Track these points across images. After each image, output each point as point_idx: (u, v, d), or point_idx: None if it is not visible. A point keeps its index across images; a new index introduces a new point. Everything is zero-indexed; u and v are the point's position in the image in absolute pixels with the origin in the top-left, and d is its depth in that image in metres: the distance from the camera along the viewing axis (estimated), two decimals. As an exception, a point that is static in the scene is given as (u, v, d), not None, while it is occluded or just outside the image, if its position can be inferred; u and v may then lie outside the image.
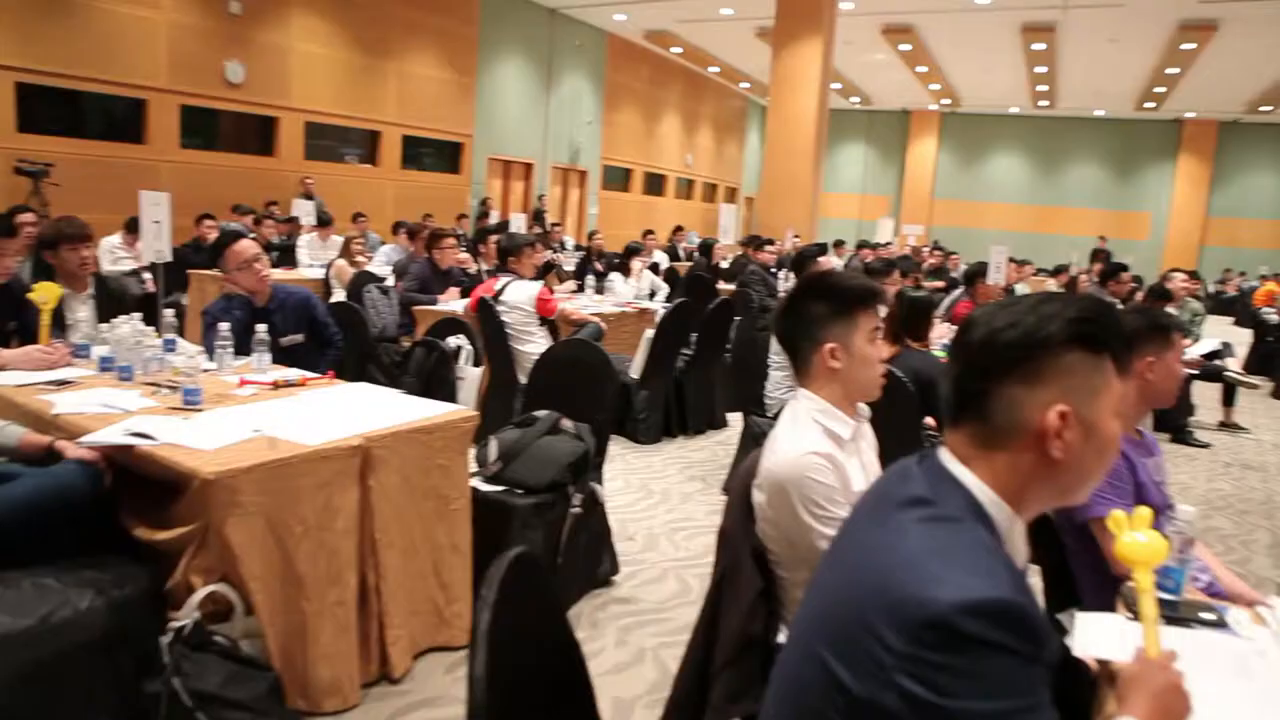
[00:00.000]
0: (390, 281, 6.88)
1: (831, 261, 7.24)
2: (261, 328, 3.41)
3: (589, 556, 3.47)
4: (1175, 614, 1.74)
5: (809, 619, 1.19)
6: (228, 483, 2.27)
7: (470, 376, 4.43)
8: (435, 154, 14.52)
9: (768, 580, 1.91)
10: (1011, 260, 8.86)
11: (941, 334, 4.91)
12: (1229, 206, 23.27)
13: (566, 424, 3.41)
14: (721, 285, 8.68)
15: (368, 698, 2.64)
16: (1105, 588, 2.07)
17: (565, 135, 16.89)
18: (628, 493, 4.69)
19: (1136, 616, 1.46)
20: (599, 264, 9.02)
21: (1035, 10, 14.29)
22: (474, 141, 14.85)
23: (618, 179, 19.09)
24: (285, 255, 8.68)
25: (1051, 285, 10.99)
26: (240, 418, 2.72)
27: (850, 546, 1.21)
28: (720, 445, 5.70)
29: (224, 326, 3.40)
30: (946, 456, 1.18)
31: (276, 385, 3.16)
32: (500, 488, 3.23)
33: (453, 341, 4.40)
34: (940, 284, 9.66)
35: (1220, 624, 1.73)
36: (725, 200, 22.27)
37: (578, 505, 3.28)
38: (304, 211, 9.92)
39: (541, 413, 3.43)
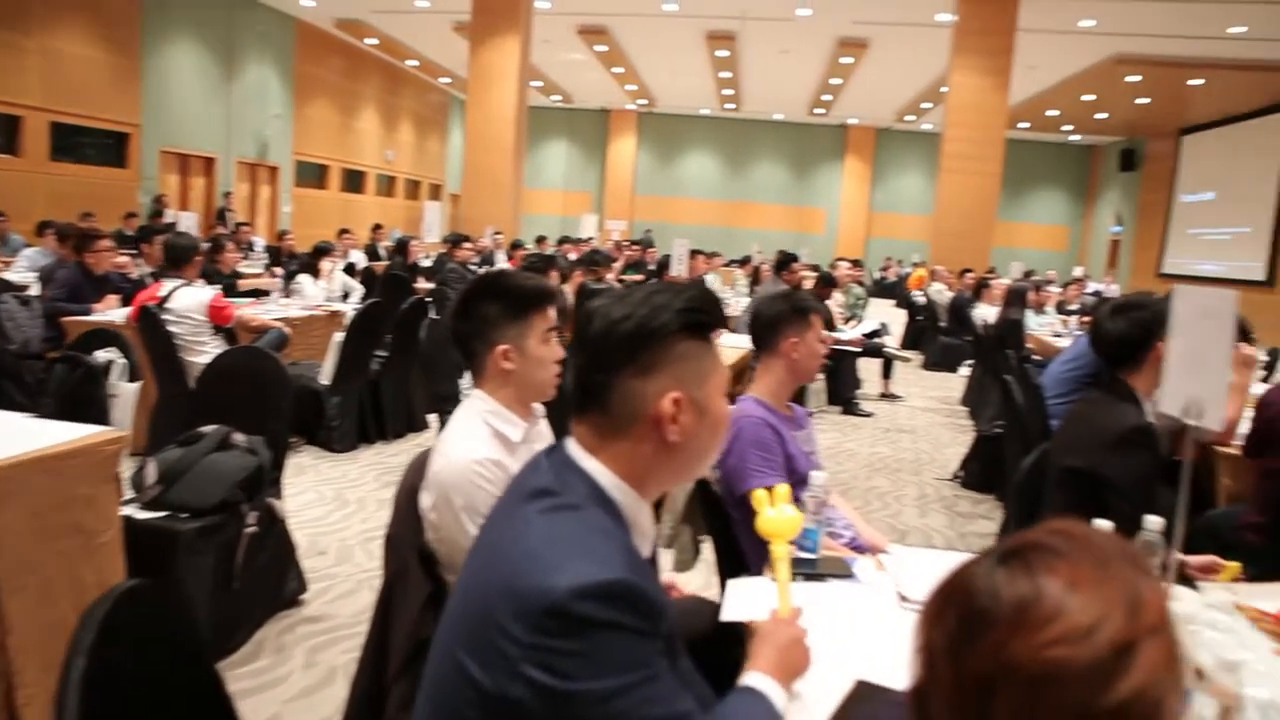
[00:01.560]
0: (35, 290, 6.04)
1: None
2: None
3: (271, 577, 3.23)
4: (813, 571, 1.91)
5: (447, 621, 1.17)
6: None
7: (125, 393, 3.96)
8: (97, 145, 12.88)
9: (437, 584, 1.86)
10: (701, 253, 9.42)
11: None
12: (888, 203, 26.43)
13: (238, 438, 3.15)
14: (424, 284, 8.49)
15: (-7, 770, 2.28)
16: (767, 555, 2.24)
17: (251, 128, 15.69)
18: (320, 505, 4.44)
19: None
20: (291, 265, 8.48)
21: (717, 20, 15.30)
22: (142, 132, 13.36)
23: (313, 175, 18.07)
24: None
25: (739, 276, 11.85)
26: None
27: (482, 544, 1.20)
28: (420, 448, 5.47)
29: None
30: (573, 446, 1.20)
31: None
32: (161, 513, 2.92)
33: (102, 355, 3.91)
34: (639, 277, 10.06)
35: (849, 575, 1.92)
36: (430, 197, 21.84)
37: (253, 524, 3.04)
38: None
39: (209, 428, 3.14)
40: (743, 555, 2.45)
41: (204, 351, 4.58)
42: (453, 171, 23.97)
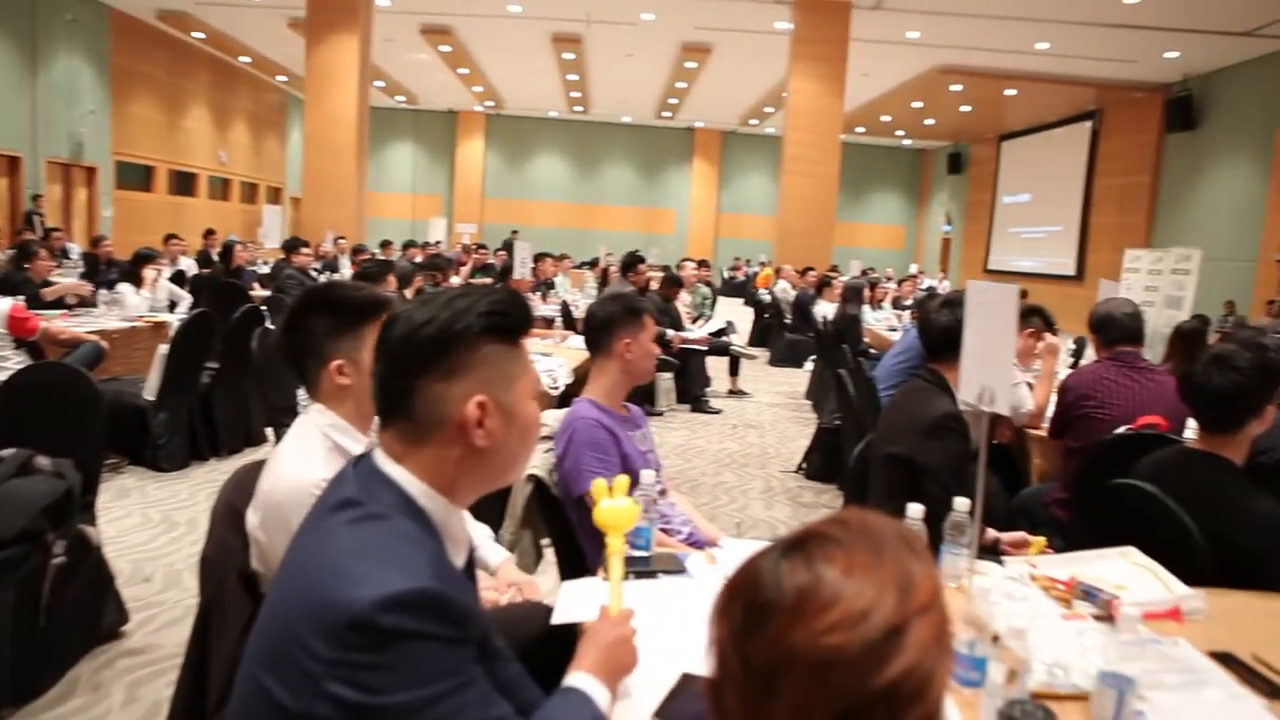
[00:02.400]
0: None
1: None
2: None
3: (85, 610, 3.00)
4: (646, 568, 1.93)
5: (251, 643, 1.12)
6: None
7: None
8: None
9: (259, 606, 1.77)
10: (549, 255, 9.40)
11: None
12: (734, 204, 27.16)
13: (42, 461, 2.91)
14: (260, 292, 8.11)
15: None
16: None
17: (63, 125, 14.50)
18: (146, 528, 4.17)
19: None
20: (110, 273, 7.92)
21: (562, 22, 15.31)
22: (-70, 128, 12.18)
23: (136, 177, 16.91)
24: None
25: (589, 277, 11.90)
26: None
27: (288, 561, 1.16)
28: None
29: None
30: (380, 455, 1.17)
31: None
32: (-50, 547, 2.66)
33: (-119, 375, 3.54)
34: (489, 281, 9.94)
35: (681, 571, 1.96)
36: (269, 201, 20.88)
37: (61, 554, 2.82)
38: None
39: (8, 452, 2.89)
40: (583, 558, 2.46)
41: (3, 368, 4.21)
42: (293, 174, 22.99)
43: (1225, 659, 1.65)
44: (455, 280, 7.27)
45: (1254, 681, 1.58)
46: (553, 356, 4.80)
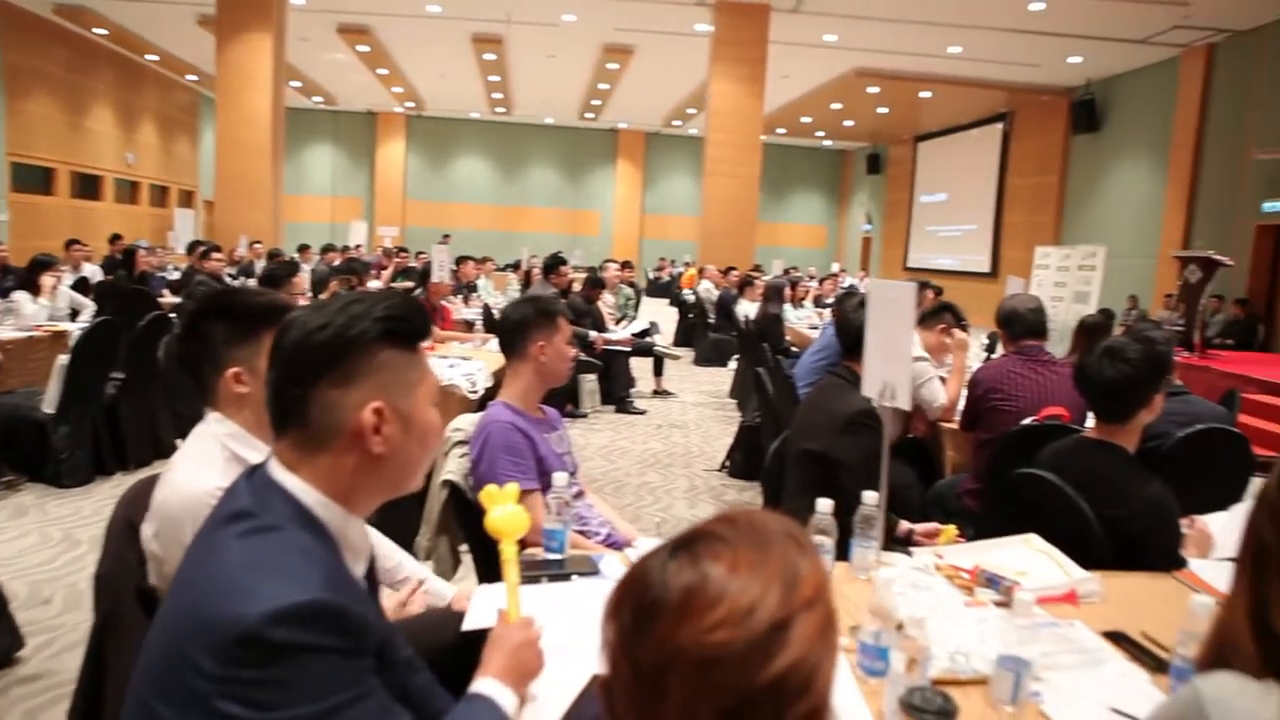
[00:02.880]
0: None
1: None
2: None
3: (-23, 635, 2.87)
4: (560, 571, 1.92)
5: (140, 664, 1.08)
6: None
7: None
8: None
9: (156, 623, 1.71)
10: (470, 258, 9.30)
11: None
12: (659, 205, 27.27)
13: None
14: (170, 298, 7.85)
15: None
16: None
17: (-48, 126, 13.83)
18: (45, 548, 3.99)
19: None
20: (6, 280, 7.55)
21: (483, 23, 15.17)
22: None
23: (35, 180, 16.13)
24: None
25: (512, 279, 11.82)
26: None
27: (179, 577, 1.12)
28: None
29: None
30: (274, 465, 1.14)
31: None
32: None
33: None
34: (411, 284, 9.79)
35: (595, 572, 1.95)
36: (181, 204, 20.23)
37: (-51, 576, 2.69)
38: None
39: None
40: (498, 562, 2.44)
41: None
42: (206, 176, 22.30)
43: (1117, 638, 1.72)
44: (374, 284, 7.14)
45: (1142, 658, 1.65)
46: (473, 360, 4.75)
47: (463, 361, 4.70)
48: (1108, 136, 16.16)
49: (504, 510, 1.60)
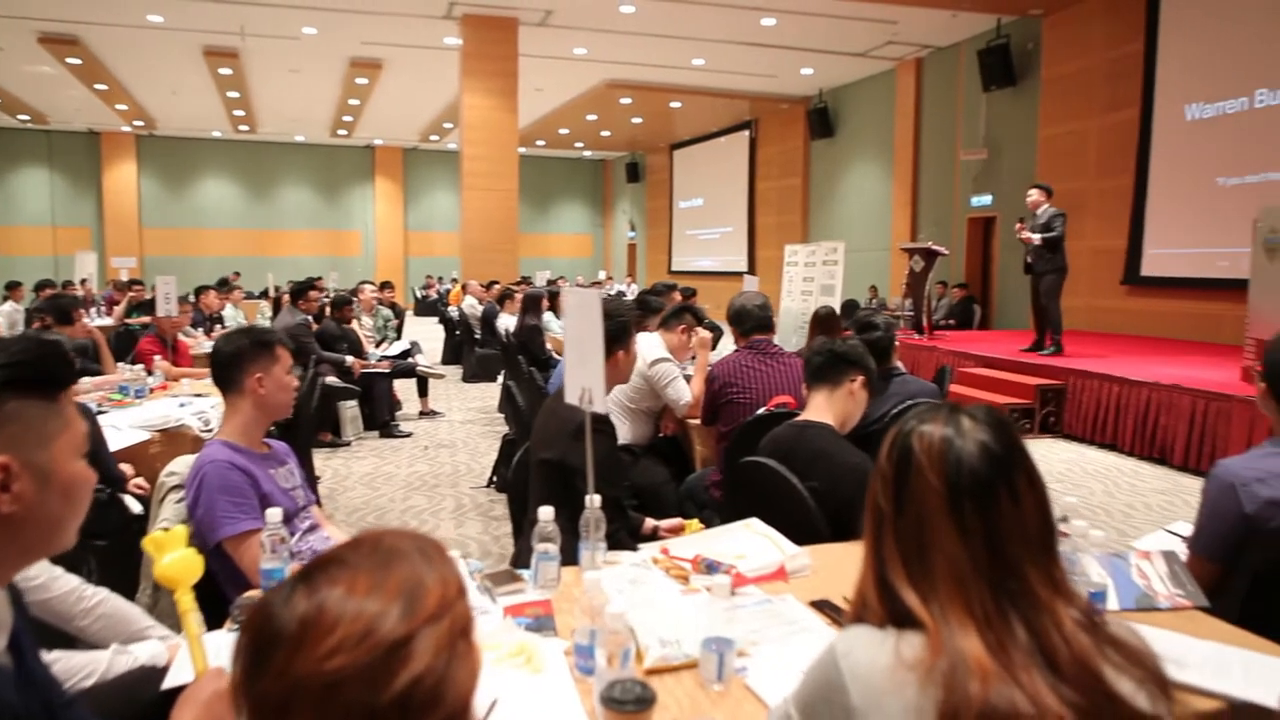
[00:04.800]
0: None
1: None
2: None
3: None
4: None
5: None
6: None
7: None
8: None
9: None
10: (210, 288, 8.70)
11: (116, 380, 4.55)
12: (423, 222, 26.71)
13: None
14: None
15: None
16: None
17: None
18: None
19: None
20: None
21: (214, 35, 14.22)
22: None
23: None
24: None
25: (264, 306, 11.17)
26: None
27: None
28: None
29: None
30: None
31: None
32: None
33: None
34: (147, 319, 9.01)
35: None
36: None
37: None
38: None
39: None
40: (228, 608, 2.29)
41: None
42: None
43: (822, 605, 1.86)
44: (90, 321, 6.51)
45: (839, 620, 1.79)
46: (208, 397, 4.43)
47: (195, 399, 4.38)
48: (841, 141, 17.53)
49: (172, 557, 1.48)
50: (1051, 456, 6.84)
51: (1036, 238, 7.90)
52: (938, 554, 1.02)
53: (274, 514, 1.90)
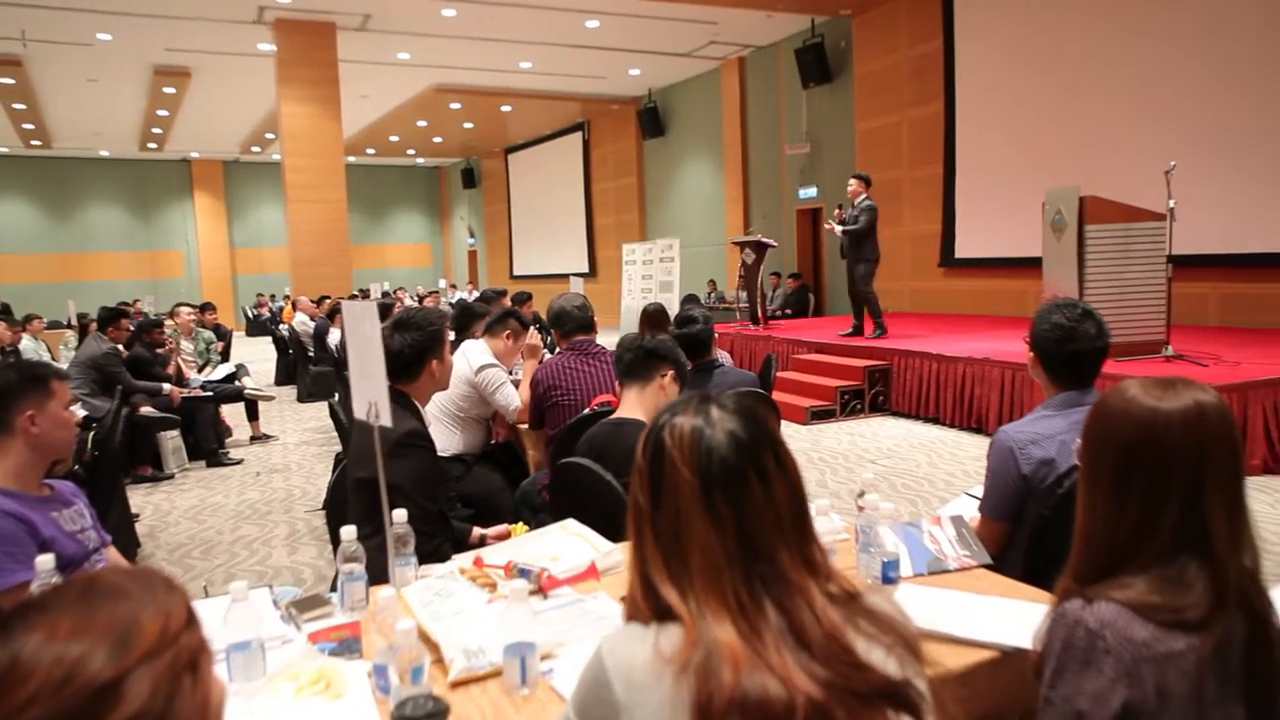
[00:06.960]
0: None
1: None
2: None
3: None
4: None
5: None
6: None
7: None
8: None
9: None
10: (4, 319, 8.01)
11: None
12: (249, 238, 25.43)
13: None
14: None
15: None
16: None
17: None
18: None
19: None
20: None
21: (-8, 42, 13.10)
22: None
23: None
24: None
25: (70, 336, 10.37)
26: None
27: None
28: None
29: None
30: None
31: None
32: None
33: None
34: (-71, 357, 8.21)
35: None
36: None
37: None
38: None
39: None
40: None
41: None
42: None
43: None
44: None
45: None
46: None
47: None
48: (673, 140, 17.88)
49: None
50: (881, 433, 7.20)
51: (839, 229, 8.27)
52: (693, 546, 1.04)
53: (45, 561, 1.76)
